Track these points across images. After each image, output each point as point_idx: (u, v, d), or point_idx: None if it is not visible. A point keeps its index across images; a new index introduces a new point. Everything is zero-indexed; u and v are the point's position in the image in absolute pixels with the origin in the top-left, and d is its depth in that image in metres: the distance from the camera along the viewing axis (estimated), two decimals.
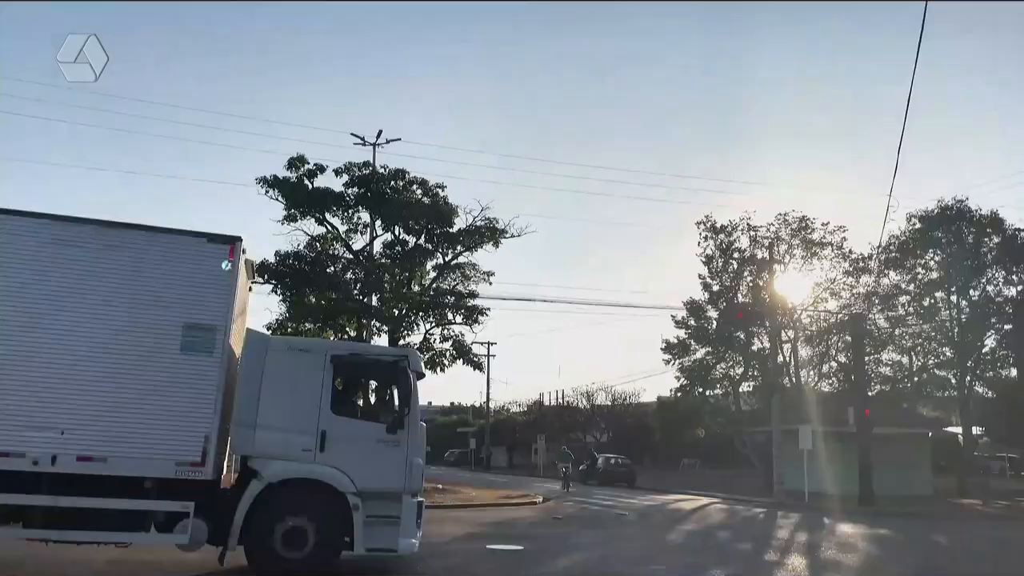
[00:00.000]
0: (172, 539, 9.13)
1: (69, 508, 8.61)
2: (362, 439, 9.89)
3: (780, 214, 35.92)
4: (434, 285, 30.11)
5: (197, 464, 9.00)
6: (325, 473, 9.65)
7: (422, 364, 10.20)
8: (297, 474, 9.64)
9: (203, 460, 9.02)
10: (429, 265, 30.60)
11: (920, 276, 34.74)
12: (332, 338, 31.81)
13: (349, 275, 30.91)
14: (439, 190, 30.25)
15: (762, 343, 35.45)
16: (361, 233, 31.32)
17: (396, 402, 10.30)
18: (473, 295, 29.67)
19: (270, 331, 31.83)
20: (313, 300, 29.27)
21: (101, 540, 9.14)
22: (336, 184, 29.90)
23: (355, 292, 30.13)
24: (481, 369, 34.12)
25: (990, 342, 35.01)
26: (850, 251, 35.36)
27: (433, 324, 29.41)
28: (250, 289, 11.94)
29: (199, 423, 9.08)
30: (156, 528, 9.09)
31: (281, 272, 28.98)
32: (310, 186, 29.30)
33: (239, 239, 9.86)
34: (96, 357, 8.93)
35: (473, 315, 28.96)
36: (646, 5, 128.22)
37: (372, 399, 10.69)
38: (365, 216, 30.86)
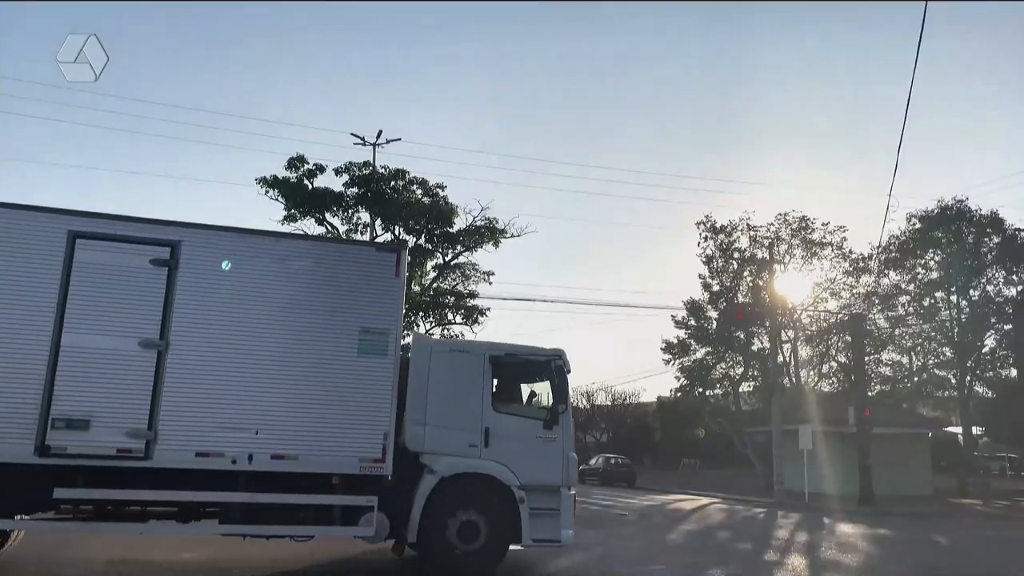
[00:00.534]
0: (357, 532, 9.56)
1: (264, 504, 9.18)
2: (522, 435, 10.41)
3: (780, 214, 36.00)
4: (434, 285, 30.11)
5: (378, 461, 9.52)
6: (493, 468, 10.14)
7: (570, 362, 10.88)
8: (468, 469, 10.10)
9: (383, 456, 9.54)
10: (429, 265, 30.60)
11: (920, 276, 34.76)
12: None
13: None
14: (439, 190, 30.27)
15: (762, 343, 35.47)
16: (361, 233, 31.30)
17: (551, 399, 10.77)
18: (473, 295, 29.70)
19: None
20: None
21: (292, 534, 9.65)
22: (336, 184, 29.93)
23: None
24: None
25: (990, 342, 35.05)
26: (850, 251, 35.42)
27: (433, 324, 29.42)
28: None
29: (378, 422, 9.60)
30: (340, 522, 9.52)
31: None
32: (310, 186, 29.30)
33: (404, 246, 10.86)
34: (284, 361, 9.45)
35: (473, 315, 28.98)
36: (646, 5, 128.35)
37: (525, 397, 11.15)
38: (365, 216, 30.85)
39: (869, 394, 31.08)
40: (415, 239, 30.50)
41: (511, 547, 10.25)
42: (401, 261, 10.16)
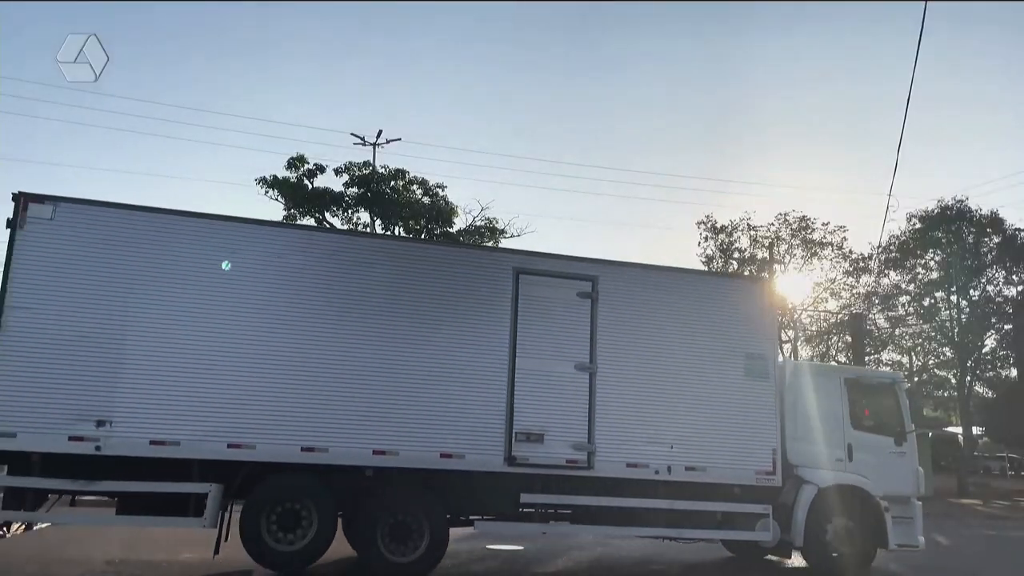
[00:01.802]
0: (755, 536, 10.83)
1: (681, 510, 10.47)
2: (878, 450, 11.61)
3: (780, 214, 36.02)
4: None
5: (770, 472, 10.76)
6: (860, 480, 11.28)
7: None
8: (841, 481, 11.19)
9: (774, 469, 10.78)
10: None
11: (920, 276, 34.79)
12: None
13: None
14: (439, 190, 30.30)
15: None
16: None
17: (898, 418, 11.93)
18: None
19: None
20: None
21: (704, 538, 11.17)
22: (336, 184, 29.96)
23: None
24: None
25: (990, 342, 35.11)
26: (850, 251, 35.45)
27: None
28: None
29: (767, 438, 10.85)
30: (741, 528, 10.82)
31: None
32: (310, 186, 29.32)
33: (771, 278, 12.50)
34: (689, 383, 10.65)
35: None
36: (647, 5, 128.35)
37: (869, 416, 12.33)
38: (365, 216, 30.86)
39: None
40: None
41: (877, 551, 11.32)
42: (770, 291, 11.64)
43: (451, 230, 29.85)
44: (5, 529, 9.00)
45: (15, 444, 8.50)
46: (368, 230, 30.95)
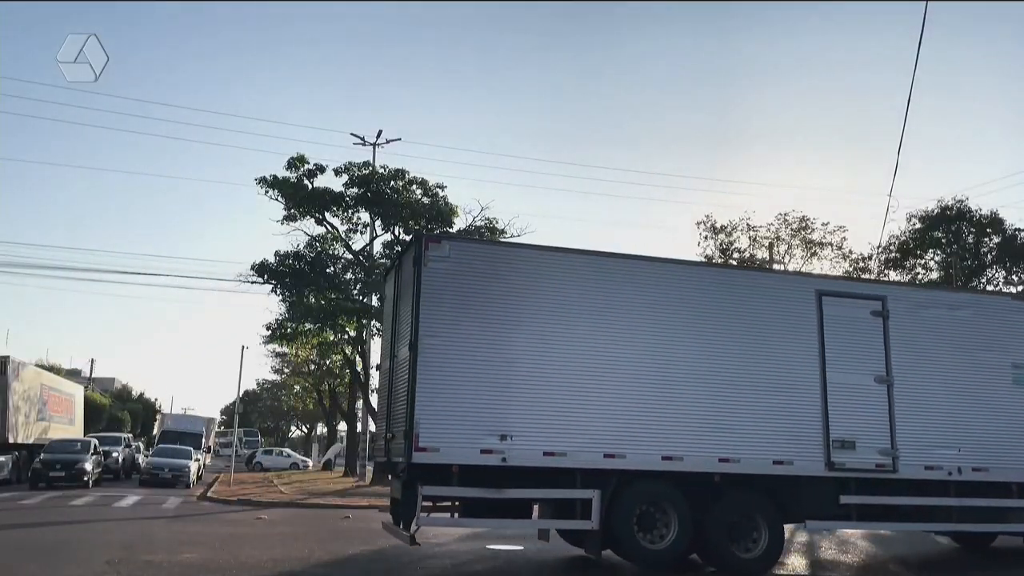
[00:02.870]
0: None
1: (972, 507, 11.58)
2: None
3: (780, 214, 36.04)
4: None
5: None
6: None
7: None
8: None
9: None
10: None
11: (920, 276, 34.75)
12: (332, 338, 31.85)
13: (349, 275, 30.88)
14: (439, 190, 30.26)
15: None
16: (361, 233, 31.32)
17: None
18: None
19: (269, 331, 31.93)
20: (313, 300, 29.25)
21: (999, 531, 12.57)
22: (336, 184, 29.95)
23: (355, 292, 30.09)
24: None
25: None
26: (850, 251, 35.43)
27: None
28: None
29: None
30: (1009, 521, 11.99)
31: (281, 272, 28.95)
32: (310, 186, 29.30)
33: None
34: (963, 391, 11.78)
35: None
36: (647, 5, 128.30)
37: None
38: (365, 216, 30.84)
39: None
40: None
41: None
42: None
43: (451, 230, 29.82)
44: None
45: (439, 458, 9.61)
46: (368, 230, 30.96)
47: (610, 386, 10.37)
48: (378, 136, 32.64)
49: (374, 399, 31.59)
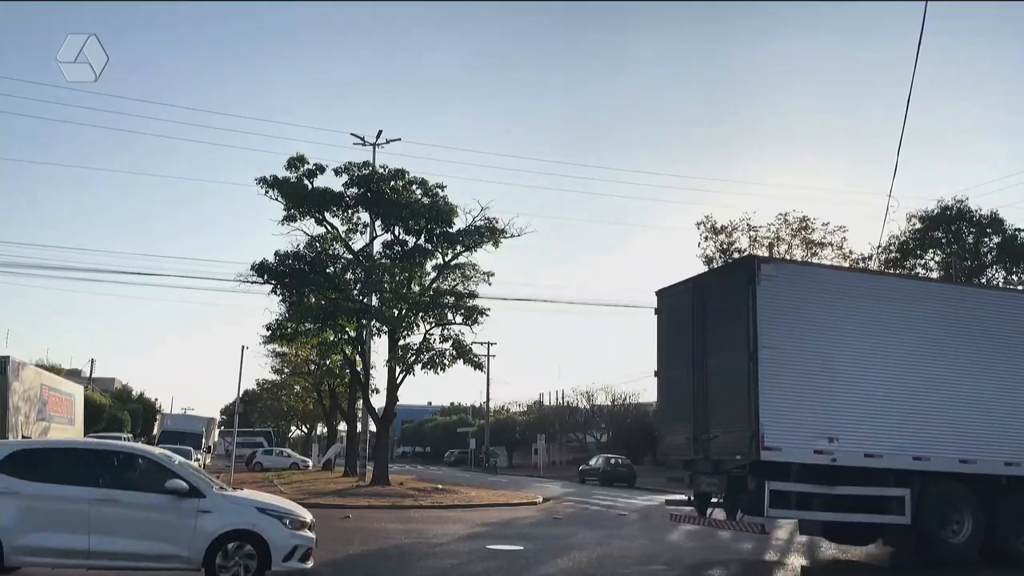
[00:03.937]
0: None
1: None
2: None
3: (780, 214, 35.83)
4: (434, 285, 30.03)
5: None
6: None
7: None
8: None
9: None
10: (429, 265, 30.52)
11: (920, 276, 34.75)
12: (332, 338, 31.82)
13: (349, 275, 30.85)
14: (439, 190, 30.21)
15: None
16: (361, 233, 31.25)
17: None
18: (473, 295, 29.61)
19: (269, 331, 31.91)
20: (313, 300, 29.22)
21: None
22: (336, 184, 29.88)
23: (355, 292, 30.07)
24: (481, 369, 34.04)
25: None
26: (850, 251, 35.35)
27: (433, 324, 29.32)
28: None
29: None
30: None
31: (281, 272, 28.93)
32: (310, 186, 29.26)
33: None
34: None
35: (473, 315, 28.87)
36: (647, 5, 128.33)
37: None
38: (365, 216, 30.80)
39: None
40: (415, 239, 30.45)
41: None
42: None
43: (451, 230, 29.80)
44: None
45: (780, 456, 10.72)
46: (368, 230, 30.93)
47: (916, 395, 11.56)
48: (378, 136, 32.60)
49: (374, 399, 31.60)
